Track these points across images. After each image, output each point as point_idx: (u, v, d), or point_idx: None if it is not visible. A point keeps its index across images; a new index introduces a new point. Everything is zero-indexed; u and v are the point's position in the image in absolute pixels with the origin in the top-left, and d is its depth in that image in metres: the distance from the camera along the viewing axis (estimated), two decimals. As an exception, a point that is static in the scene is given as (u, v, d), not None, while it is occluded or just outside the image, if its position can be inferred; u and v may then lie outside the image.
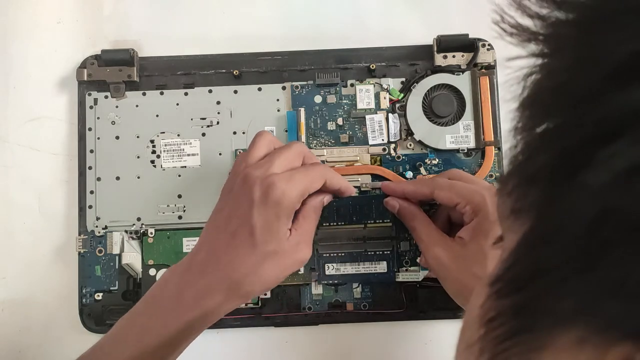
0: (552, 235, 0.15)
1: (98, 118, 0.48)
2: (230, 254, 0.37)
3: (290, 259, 0.38)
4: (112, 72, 0.48)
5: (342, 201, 0.44)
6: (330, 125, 0.48)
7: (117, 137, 0.48)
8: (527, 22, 0.16)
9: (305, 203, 0.40)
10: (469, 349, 0.18)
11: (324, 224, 0.45)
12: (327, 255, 0.46)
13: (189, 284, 0.37)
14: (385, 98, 0.48)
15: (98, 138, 0.48)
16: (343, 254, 0.46)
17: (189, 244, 0.47)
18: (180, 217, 0.47)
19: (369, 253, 0.46)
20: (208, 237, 0.38)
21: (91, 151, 0.48)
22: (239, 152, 0.48)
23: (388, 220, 0.45)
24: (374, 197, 0.46)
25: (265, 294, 0.46)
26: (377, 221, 0.45)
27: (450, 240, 0.40)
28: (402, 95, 0.48)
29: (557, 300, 0.14)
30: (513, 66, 0.17)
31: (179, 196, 0.47)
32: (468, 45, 0.48)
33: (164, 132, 0.48)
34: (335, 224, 0.45)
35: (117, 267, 0.47)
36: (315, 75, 0.48)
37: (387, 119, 0.48)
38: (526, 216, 0.16)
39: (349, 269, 0.46)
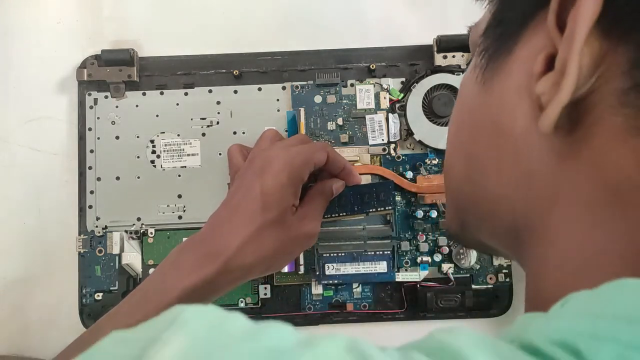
0: None
1: (98, 118, 0.48)
2: (231, 223, 0.37)
3: (293, 232, 0.38)
4: (112, 72, 0.48)
5: (343, 190, 0.43)
6: (330, 125, 0.48)
7: (117, 137, 0.48)
8: None
9: (313, 186, 0.41)
10: (472, 72, 0.25)
11: (326, 216, 0.44)
12: (327, 255, 0.46)
13: (188, 253, 0.37)
14: (385, 98, 0.48)
15: (98, 138, 0.48)
16: (343, 254, 0.46)
17: (189, 244, 0.47)
18: (180, 217, 0.47)
19: (369, 253, 0.46)
20: (214, 213, 0.39)
21: (91, 151, 0.48)
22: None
23: (390, 208, 0.44)
24: (375, 185, 0.46)
25: (265, 294, 0.46)
26: (379, 209, 0.44)
27: None
28: (402, 95, 0.48)
29: (515, 17, 0.22)
30: None
31: (179, 196, 0.47)
32: (468, 45, 0.48)
33: (164, 132, 0.48)
34: (337, 215, 0.44)
35: (117, 267, 0.47)
36: (315, 75, 0.48)
37: (387, 119, 0.48)
38: None
39: (349, 269, 0.46)
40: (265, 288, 0.46)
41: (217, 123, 0.48)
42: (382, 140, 0.48)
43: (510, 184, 0.23)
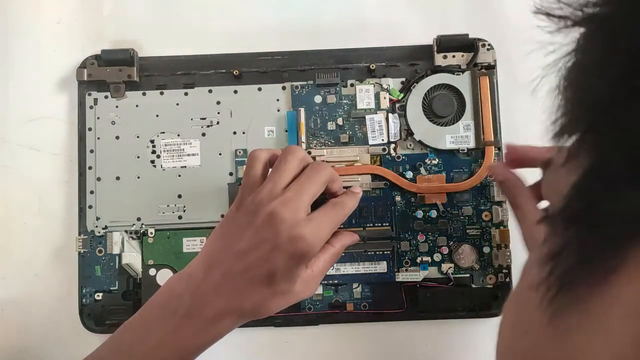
0: (618, 147, 0.14)
1: (98, 118, 0.48)
2: (245, 284, 0.36)
3: (295, 298, 0.37)
4: (112, 72, 0.48)
5: None
6: (330, 125, 0.48)
7: (117, 137, 0.48)
8: None
9: (333, 243, 0.40)
10: (535, 289, 0.17)
11: None
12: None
13: (205, 305, 0.36)
14: (385, 98, 0.48)
15: (98, 138, 0.48)
16: (343, 254, 0.46)
17: (189, 244, 0.47)
18: (180, 217, 0.47)
19: (369, 253, 0.46)
20: (222, 258, 0.37)
21: (91, 151, 0.48)
22: (239, 152, 0.48)
23: (387, 224, 0.45)
24: (374, 199, 0.46)
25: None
26: (377, 225, 0.45)
27: None
28: (402, 95, 0.48)
29: (628, 213, 0.13)
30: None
31: (179, 196, 0.47)
32: (468, 45, 0.48)
33: (164, 132, 0.48)
34: None
35: (117, 267, 0.47)
36: (315, 75, 0.48)
37: (387, 119, 0.48)
38: (585, 153, 0.15)
39: (349, 269, 0.46)
40: (265, 288, 0.46)
41: (217, 123, 0.48)
42: (382, 140, 0.48)
43: None
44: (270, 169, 0.40)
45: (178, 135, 0.48)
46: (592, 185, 0.15)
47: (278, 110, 0.48)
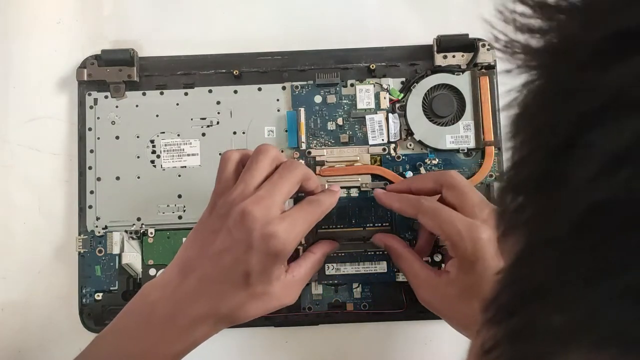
0: (543, 245, 0.13)
1: (98, 118, 0.48)
2: (221, 287, 0.35)
3: (275, 303, 0.37)
4: (112, 72, 0.48)
5: (342, 203, 0.44)
6: (330, 125, 0.48)
7: (117, 137, 0.48)
8: (519, 37, 0.15)
9: (314, 250, 0.40)
10: None
11: (323, 227, 0.45)
12: (327, 255, 0.46)
13: (181, 312, 0.35)
14: (385, 98, 0.48)
15: (98, 138, 0.48)
16: (343, 254, 0.46)
17: (189, 244, 0.47)
18: (180, 217, 0.47)
19: (369, 253, 0.46)
20: (196, 263, 0.36)
21: (91, 151, 0.48)
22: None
23: (387, 224, 0.45)
24: (374, 199, 0.46)
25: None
26: (376, 225, 0.45)
27: (435, 277, 0.39)
28: (402, 95, 0.48)
29: (554, 318, 0.12)
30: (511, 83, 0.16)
31: (179, 196, 0.47)
32: (468, 45, 0.48)
33: (164, 132, 0.48)
34: (334, 226, 0.45)
35: (117, 267, 0.47)
36: (315, 75, 0.48)
37: (387, 119, 0.48)
38: (519, 234, 0.14)
39: (349, 269, 0.46)
40: (265, 288, 0.46)
41: (217, 123, 0.48)
42: (382, 140, 0.48)
43: None
44: None
45: (178, 135, 0.48)
46: (520, 280, 0.14)
47: (278, 110, 0.48)
